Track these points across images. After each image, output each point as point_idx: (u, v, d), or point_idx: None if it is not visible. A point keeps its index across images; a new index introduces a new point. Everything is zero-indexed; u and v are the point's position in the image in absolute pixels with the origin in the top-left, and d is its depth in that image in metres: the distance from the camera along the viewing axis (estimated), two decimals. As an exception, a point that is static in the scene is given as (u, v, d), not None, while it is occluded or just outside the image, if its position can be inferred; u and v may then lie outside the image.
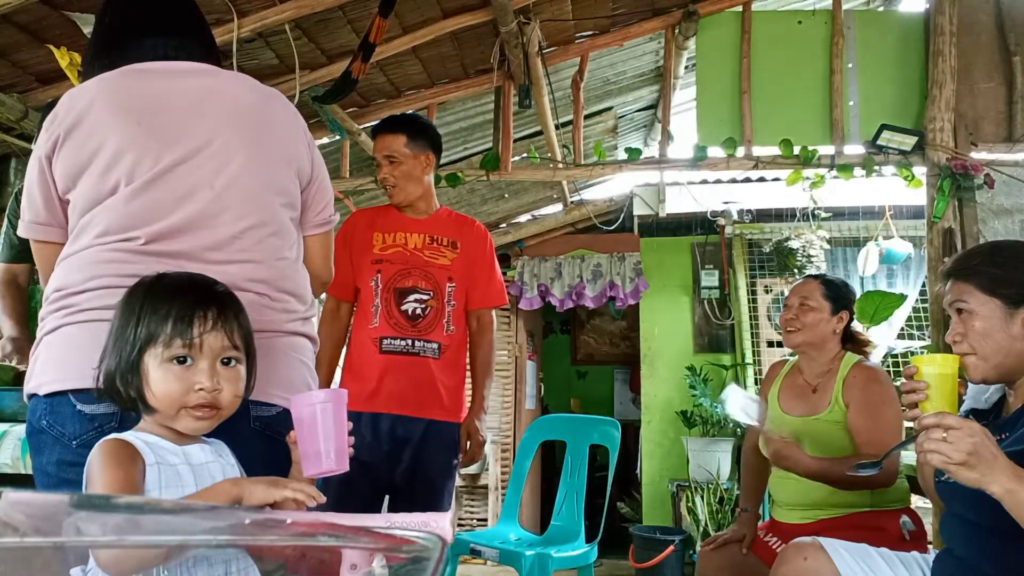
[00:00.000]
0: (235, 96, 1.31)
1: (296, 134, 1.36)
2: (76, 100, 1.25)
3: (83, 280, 1.16)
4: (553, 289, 5.30)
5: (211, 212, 1.21)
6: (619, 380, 7.04)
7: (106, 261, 1.16)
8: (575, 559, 2.83)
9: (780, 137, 3.57)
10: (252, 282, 1.21)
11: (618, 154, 5.44)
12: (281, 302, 1.24)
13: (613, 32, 3.72)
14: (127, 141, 1.21)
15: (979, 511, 1.41)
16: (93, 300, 1.14)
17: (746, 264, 5.16)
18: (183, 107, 1.26)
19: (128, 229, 1.18)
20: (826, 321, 2.27)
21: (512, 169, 3.81)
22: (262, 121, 1.31)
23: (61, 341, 1.15)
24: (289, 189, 1.31)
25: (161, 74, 1.30)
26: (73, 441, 1.10)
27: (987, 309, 1.44)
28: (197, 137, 1.23)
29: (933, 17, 3.51)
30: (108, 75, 1.28)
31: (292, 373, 1.25)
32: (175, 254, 1.18)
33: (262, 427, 1.19)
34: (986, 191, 3.37)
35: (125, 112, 1.23)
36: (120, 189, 1.20)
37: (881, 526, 2.04)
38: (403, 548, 0.52)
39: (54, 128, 1.24)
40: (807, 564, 1.66)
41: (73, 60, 2.67)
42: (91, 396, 1.09)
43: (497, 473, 5.17)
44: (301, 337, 1.28)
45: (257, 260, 1.23)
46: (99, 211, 1.20)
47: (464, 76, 3.72)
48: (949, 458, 1.21)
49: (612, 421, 3.15)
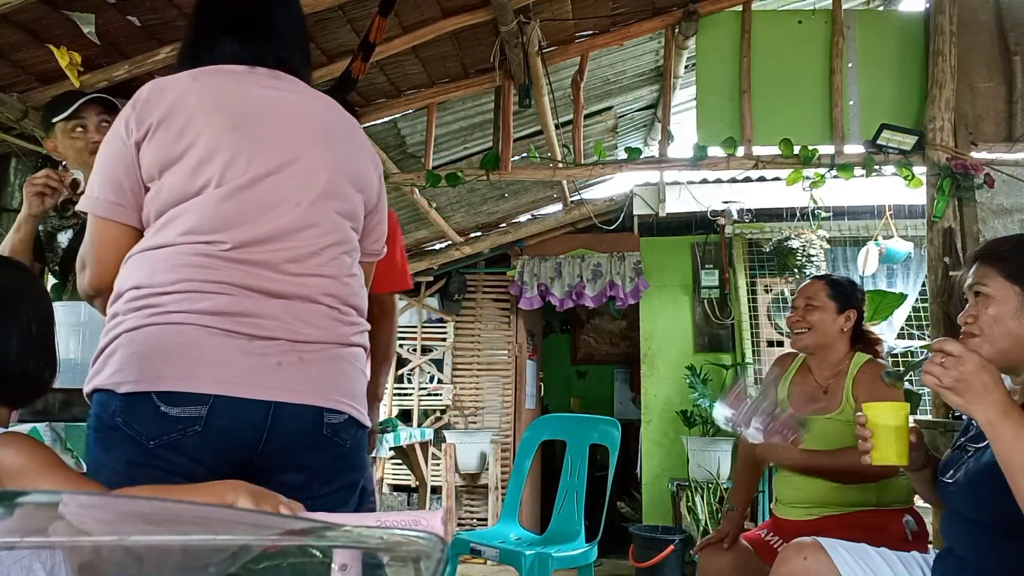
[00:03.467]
0: (319, 115, 1.33)
1: (370, 162, 1.39)
2: (167, 91, 1.25)
3: (170, 282, 1.16)
4: (553, 289, 5.30)
5: (296, 227, 1.23)
6: (619, 380, 7.05)
7: (193, 265, 1.17)
8: (575, 559, 2.83)
9: (780, 137, 3.57)
10: (327, 296, 1.24)
11: (618, 154, 5.44)
12: (348, 316, 1.28)
13: (613, 32, 3.71)
14: (221, 142, 1.21)
15: (979, 510, 1.42)
16: (181, 303, 1.14)
17: (746, 264, 5.16)
18: (273, 118, 1.27)
19: (215, 231, 1.19)
20: (832, 320, 2.27)
21: (512, 169, 3.80)
22: (343, 143, 1.34)
23: (145, 340, 1.14)
24: (357, 214, 1.35)
25: (252, 80, 1.30)
26: (151, 441, 1.11)
27: (1004, 295, 1.45)
28: (285, 151, 1.25)
29: (933, 17, 3.51)
30: (202, 71, 1.29)
31: (355, 383, 1.28)
32: (257, 263, 1.19)
33: (332, 433, 1.21)
34: (986, 191, 3.37)
35: (221, 112, 1.23)
36: (209, 189, 1.20)
37: (884, 525, 2.04)
38: (403, 548, 0.52)
39: (145, 113, 1.23)
40: (807, 564, 1.66)
41: (73, 60, 2.67)
42: (176, 398, 1.10)
43: (497, 473, 5.17)
44: (360, 348, 1.31)
45: (332, 276, 1.26)
46: (187, 207, 1.20)
47: (464, 76, 3.71)
48: (939, 381, 1.26)
49: (612, 421, 3.15)
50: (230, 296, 1.15)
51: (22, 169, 3.22)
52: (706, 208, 5.08)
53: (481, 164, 3.75)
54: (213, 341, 1.13)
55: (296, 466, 1.20)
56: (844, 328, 2.28)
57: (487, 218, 5.52)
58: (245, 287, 1.17)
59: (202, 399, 1.11)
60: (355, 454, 1.26)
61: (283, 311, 1.18)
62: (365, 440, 1.30)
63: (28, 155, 3.27)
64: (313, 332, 1.20)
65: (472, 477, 5.23)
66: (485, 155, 3.78)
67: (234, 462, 1.15)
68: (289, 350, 1.17)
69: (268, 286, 1.18)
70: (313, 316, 1.20)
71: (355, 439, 1.26)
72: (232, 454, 1.15)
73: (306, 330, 1.19)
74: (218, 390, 1.12)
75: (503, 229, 5.59)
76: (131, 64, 2.87)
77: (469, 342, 5.57)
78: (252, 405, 1.14)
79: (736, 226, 5.16)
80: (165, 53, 2.84)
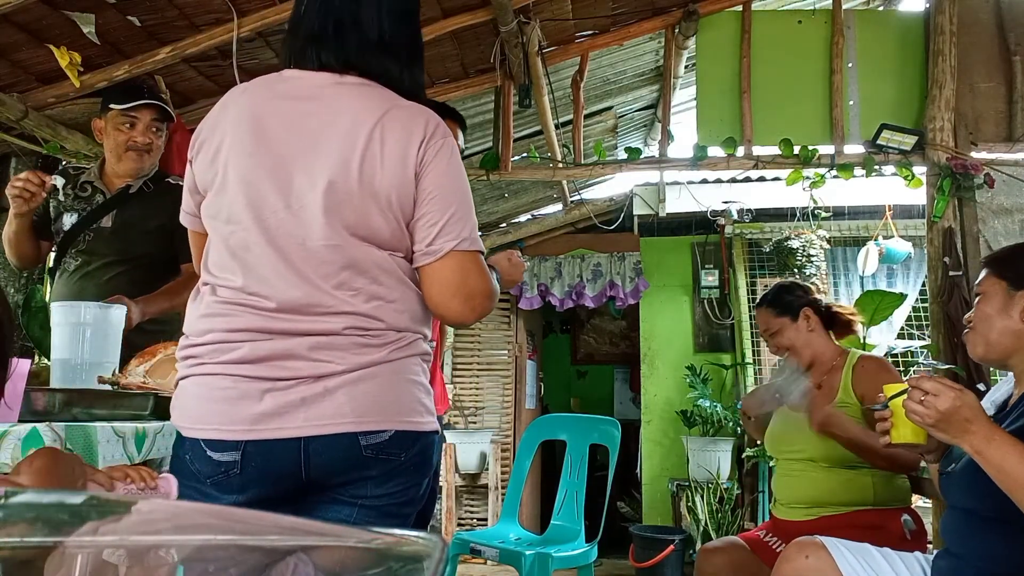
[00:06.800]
0: (338, 126, 1.24)
1: (400, 167, 1.36)
2: (217, 110, 1.29)
3: (201, 332, 1.22)
4: (553, 289, 5.30)
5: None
6: (619, 380, 7.05)
7: (218, 314, 1.21)
8: (575, 559, 2.83)
9: (780, 137, 3.57)
10: (350, 329, 1.22)
11: (618, 154, 5.45)
12: (381, 337, 1.23)
13: (613, 32, 3.72)
14: (239, 169, 1.23)
15: (972, 497, 1.46)
16: (212, 355, 1.20)
17: (746, 264, 5.16)
18: (287, 135, 1.24)
19: (230, 271, 1.23)
20: (796, 332, 2.28)
21: (512, 169, 3.81)
22: (359, 151, 1.25)
23: (190, 391, 1.23)
24: (379, 228, 1.32)
25: (283, 91, 1.28)
26: (207, 479, 1.20)
27: (993, 291, 1.54)
28: (288, 177, 1.24)
29: (933, 17, 3.51)
30: (255, 81, 1.31)
31: (400, 396, 1.23)
32: (271, 310, 1.20)
33: (375, 453, 1.21)
34: (986, 191, 3.37)
35: (247, 135, 1.24)
36: (219, 223, 1.26)
37: (882, 525, 2.05)
38: (403, 548, 0.52)
39: (199, 129, 1.29)
40: (809, 563, 1.66)
41: (73, 60, 2.67)
42: (216, 445, 1.18)
43: (497, 473, 5.17)
44: (402, 360, 1.25)
45: (351, 307, 1.25)
46: (211, 239, 1.27)
47: (464, 76, 3.72)
48: (923, 419, 1.35)
49: (612, 421, 3.15)
50: (253, 343, 1.18)
51: (22, 169, 3.22)
52: (706, 208, 5.08)
53: (481, 164, 3.75)
54: (240, 388, 1.18)
55: (348, 481, 1.21)
56: (810, 328, 2.29)
57: (487, 218, 5.52)
58: (265, 331, 1.19)
59: (235, 445, 1.17)
60: (413, 462, 1.24)
61: (306, 349, 1.18)
62: (428, 445, 1.26)
63: (28, 155, 3.27)
64: (339, 365, 1.18)
65: (472, 477, 5.23)
66: (485, 155, 3.78)
67: (286, 489, 1.21)
68: (314, 385, 1.18)
69: (287, 327, 1.19)
70: (338, 348, 1.19)
71: (411, 450, 1.23)
72: (279, 484, 1.20)
73: (332, 364, 1.18)
74: (247, 436, 1.17)
75: (503, 229, 5.59)
76: (131, 64, 2.87)
77: (469, 342, 5.57)
78: (283, 445, 1.17)
79: (736, 226, 5.16)
80: (165, 53, 2.84)
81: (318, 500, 1.23)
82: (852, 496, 2.09)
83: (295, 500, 1.23)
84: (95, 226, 2.26)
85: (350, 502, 1.22)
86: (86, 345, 1.68)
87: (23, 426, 1.24)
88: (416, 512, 1.30)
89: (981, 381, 3.01)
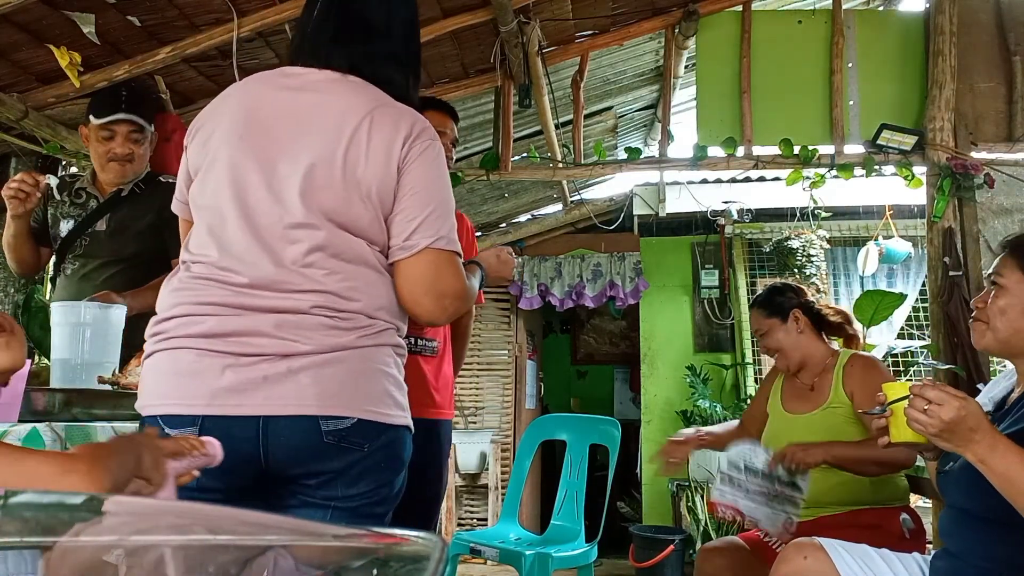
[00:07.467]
0: (328, 116, 1.26)
1: (383, 159, 1.38)
2: (217, 100, 1.32)
3: (170, 306, 1.21)
4: (553, 289, 5.30)
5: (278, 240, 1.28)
6: (619, 380, 7.05)
7: (187, 288, 1.21)
8: (575, 559, 2.83)
9: (780, 137, 3.57)
10: (318, 308, 1.21)
11: (618, 154, 5.44)
12: (350, 320, 1.21)
13: (613, 32, 3.71)
14: (226, 153, 1.25)
15: (969, 497, 1.45)
16: (179, 328, 1.19)
17: (746, 264, 5.16)
18: (278, 122, 1.27)
19: (206, 248, 1.24)
20: (786, 333, 2.28)
21: (512, 169, 3.80)
22: (345, 141, 1.28)
23: (153, 366, 1.21)
24: (360, 217, 1.34)
25: (281, 82, 1.31)
26: None
27: (1017, 288, 1.49)
28: (273, 158, 1.26)
29: (933, 17, 3.50)
30: (254, 76, 1.33)
31: (367, 384, 1.21)
32: (242, 284, 1.20)
33: (337, 440, 1.18)
34: (986, 191, 3.37)
35: (238, 122, 1.26)
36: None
37: (881, 524, 2.05)
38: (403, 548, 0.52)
39: (199, 116, 1.32)
40: (807, 563, 1.66)
41: (73, 60, 2.67)
42: (174, 420, 1.15)
43: (497, 473, 5.17)
44: (375, 348, 1.24)
45: (321, 286, 1.26)
46: (196, 222, 1.28)
47: (464, 76, 3.71)
48: (925, 428, 1.32)
49: (612, 421, 3.15)
50: (219, 317, 1.17)
51: (22, 169, 3.23)
52: (706, 208, 5.08)
53: (481, 164, 3.75)
54: (203, 362, 1.16)
55: (310, 472, 1.19)
56: (800, 330, 2.29)
57: (487, 218, 5.52)
58: (233, 306, 1.17)
59: (193, 420, 1.15)
60: (381, 454, 1.21)
61: (272, 327, 1.16)
62: (396, 440, 1.24)
63: (28, 155, 3.27)
64: (305, 345, 1.16)
65: (472, 477, 5.23)
66: (485, 155, 3.78)
67: (245, 476, 1.17)
68: (278, 363, 1.15)
69: (255, 303, 1.17)
70: (305, 328, 1.17)
71: (375, 442, 1.20)
72: (240, 469, 1.15)
73: (297, 344, 1.16)
74: (205, 410, 1.14)
75: (503, 229, 5.59)
76: (131, 64, 2.87)
77: (469, 342, 5.57)
78: (241, 422, 1.14)
79: (736, 226, 5.16)
80: (165, 53, 2.84)
81: (288, 502, 1.21)
82: (851, 496, 2.09)
83: (261, 496, 1.21)
84: (91, 230, 2.30)
85: (322, 504, 1.20)
86: (86, 345, 1.68)
87: (23, 426, 1.24)
88: (389, 511, 1.28)
89: (981, 381, 3.01)
